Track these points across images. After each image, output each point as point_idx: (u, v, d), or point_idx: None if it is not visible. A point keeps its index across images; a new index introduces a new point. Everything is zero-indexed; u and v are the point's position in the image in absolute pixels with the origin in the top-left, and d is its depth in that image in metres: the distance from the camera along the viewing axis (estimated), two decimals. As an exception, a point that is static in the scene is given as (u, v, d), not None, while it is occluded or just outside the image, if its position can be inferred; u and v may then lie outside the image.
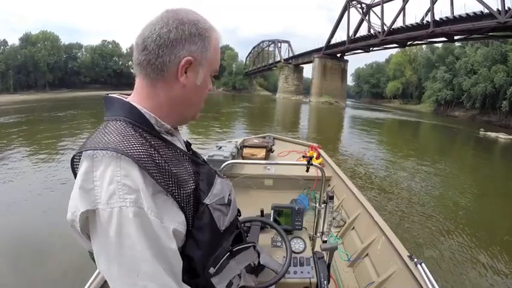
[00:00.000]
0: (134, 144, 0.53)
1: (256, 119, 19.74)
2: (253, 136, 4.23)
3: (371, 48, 41.33)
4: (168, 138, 0.63)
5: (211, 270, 0.62)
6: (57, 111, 18.29)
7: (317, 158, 3.30)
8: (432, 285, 1.39)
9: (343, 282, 2.02)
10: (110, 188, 0.49)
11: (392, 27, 34.87)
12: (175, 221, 0.54)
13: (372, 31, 38.85)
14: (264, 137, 4.12)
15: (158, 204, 0.52)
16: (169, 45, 0.58)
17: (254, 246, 0.81)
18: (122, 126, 0.56)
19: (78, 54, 59.42)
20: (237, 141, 3.53)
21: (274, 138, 4.32)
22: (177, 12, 0.61)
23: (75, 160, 0.56)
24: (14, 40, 52.62)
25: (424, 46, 48.12)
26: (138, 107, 0.60)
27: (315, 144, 3.80)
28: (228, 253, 0.68)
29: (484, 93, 31.20)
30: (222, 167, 1.65)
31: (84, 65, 56.65)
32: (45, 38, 51.46)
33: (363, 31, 41.73)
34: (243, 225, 1.29)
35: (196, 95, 0.65)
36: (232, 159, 2.93)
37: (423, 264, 1.52)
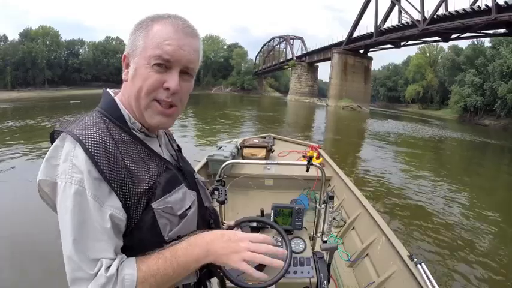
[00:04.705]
0: (93, 133, 0.63)
1: (259, 130, 15.17)
2: (254, 136, 4.42)
3: (403, 43, 36.51)
4: (140, 136, 0.72)
5: None
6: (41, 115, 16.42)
7: (317, 158, 3.48)
8: (432, 285, 1.49)
9: (343, 282, 2.16)
10: (63, 165, 0.61)
11: (437, 13, 29.66)
12: (114, 206, 0.62)
13: (405, 20, 33.70)
14: (264, 137, 4.29)
15: (102, 189, 0.61)
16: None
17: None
18: (94, 117, 0.68)
19: (80, 50, 60.92)
20: (237, 141, 3.72)
21: (274, 138, 4.47)
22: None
23: (54, 136, 0.67)
24: (16, 36, 54.25)
25: (446, 47, 45.76)
26: (118, 102, 0.72)
27: (315, 144, 3.99)
28: None
29: (524, 100, 29.54)
30: (222, 167, 1.72)
31: (85, 62, 57.99)
32: (44, 33, 53.06)
33: (390, 22, 36.88)
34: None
35: (133, 87, 0.69)
36: (233, 159, 3.14)
37: (423, 264, 1.62)
